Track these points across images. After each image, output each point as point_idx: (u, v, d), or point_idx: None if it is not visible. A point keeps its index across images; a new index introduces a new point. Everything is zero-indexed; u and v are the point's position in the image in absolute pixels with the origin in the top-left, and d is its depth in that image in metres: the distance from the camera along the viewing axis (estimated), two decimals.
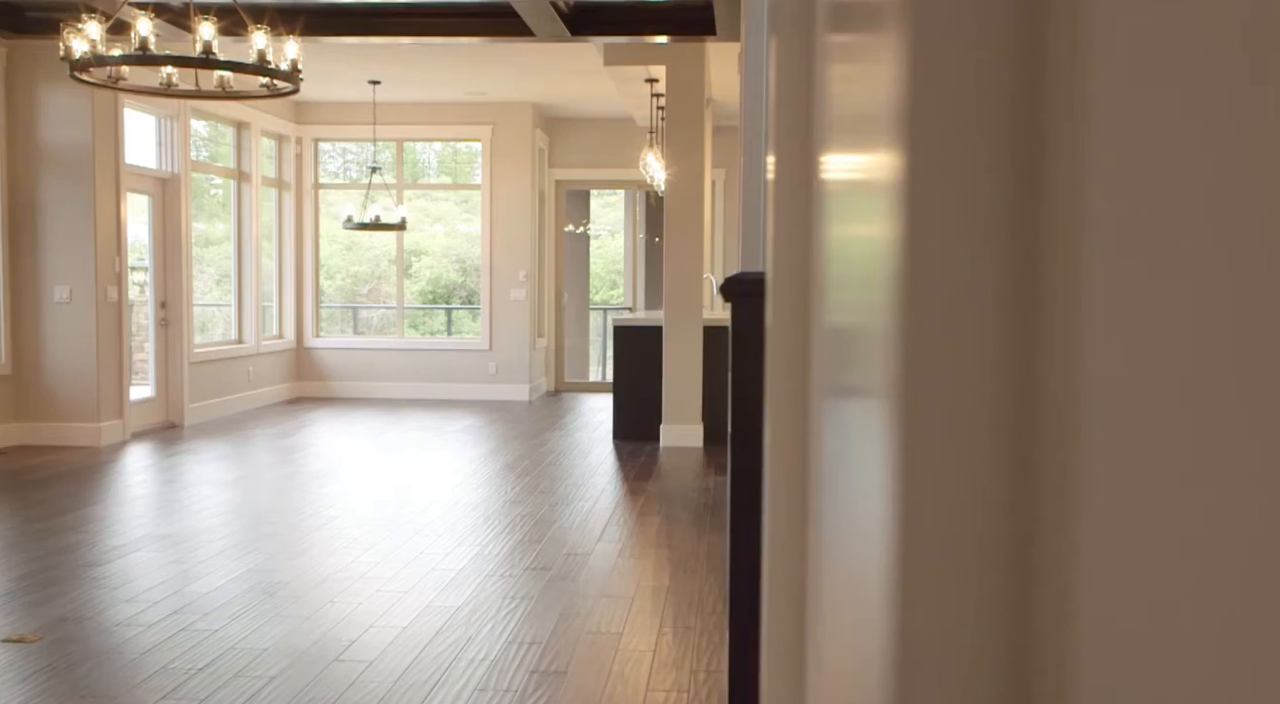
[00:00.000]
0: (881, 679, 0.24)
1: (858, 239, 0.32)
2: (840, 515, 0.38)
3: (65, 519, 5.94)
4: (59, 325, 8.35)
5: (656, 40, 7.73)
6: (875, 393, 0.25)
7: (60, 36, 5.07)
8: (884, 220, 0.24)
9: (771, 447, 0.66)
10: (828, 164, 0.44)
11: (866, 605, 0.27)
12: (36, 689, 3.48)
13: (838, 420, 0.40)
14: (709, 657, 3.82)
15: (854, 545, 0.32)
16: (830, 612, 0.41)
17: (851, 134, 0.34)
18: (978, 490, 0.23)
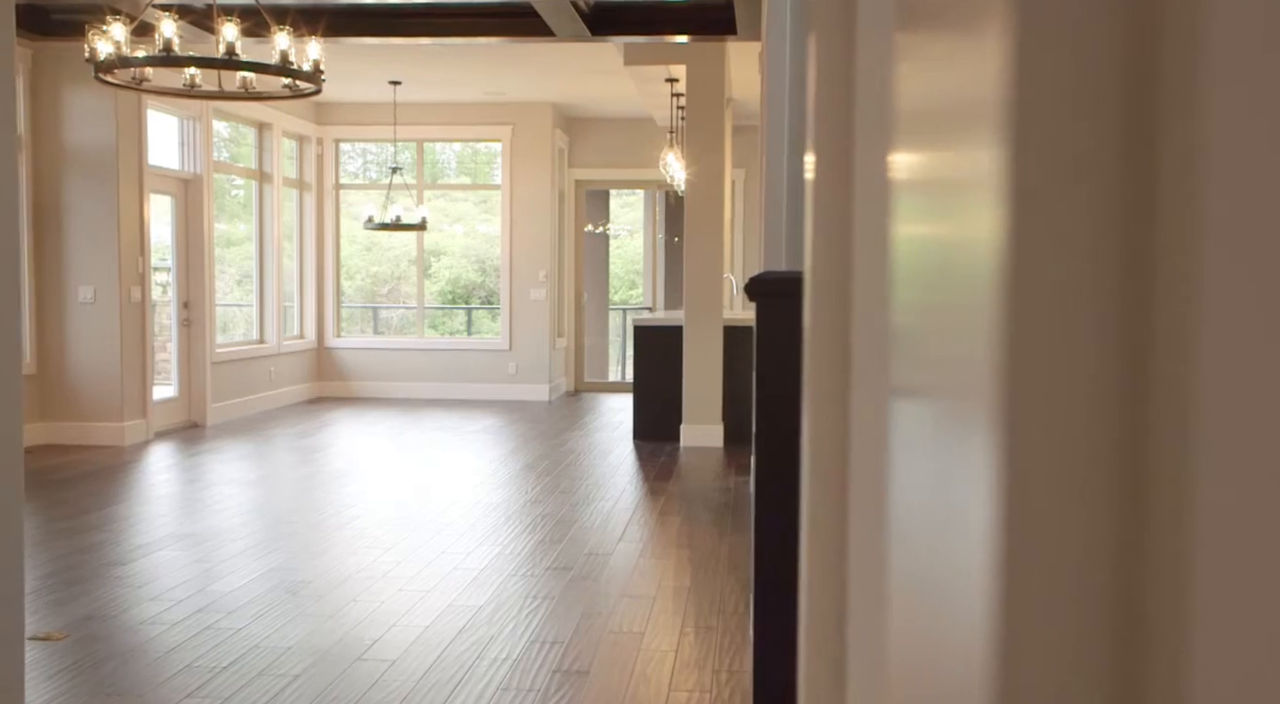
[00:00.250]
0: (982, 678, 0.24)
1: (941, 237, 0.32)
2: (916, 515, 0.38)
3: (89, 518, 5.98)
4: (83, 325, 8.41)
5: (677, 40, 7.73)
6: (971, 392, 0.25)
7: (85, 38, 5.11)
8: (982, 216, 0.24)
9: (811, 446, 0.66)
10: (898, 162, 0.44)
11: (959, 606, 0.27)
12: (62, 687, 3.51)
13: (911, 419, 0.40)
14: (731, 657, 3.82)
15: (938, 545, 0.32)
16: (903, 612, 0.41)
17: (932, 130, 0.34)
18: (1086, 490, 0.22)
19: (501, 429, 9.71)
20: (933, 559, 0.33)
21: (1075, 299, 0.22)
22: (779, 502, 2.26)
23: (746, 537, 5.59)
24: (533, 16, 7.09)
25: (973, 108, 0.26)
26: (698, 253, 8.54)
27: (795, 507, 2.21)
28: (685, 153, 8.77)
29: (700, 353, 8.45)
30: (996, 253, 0.23)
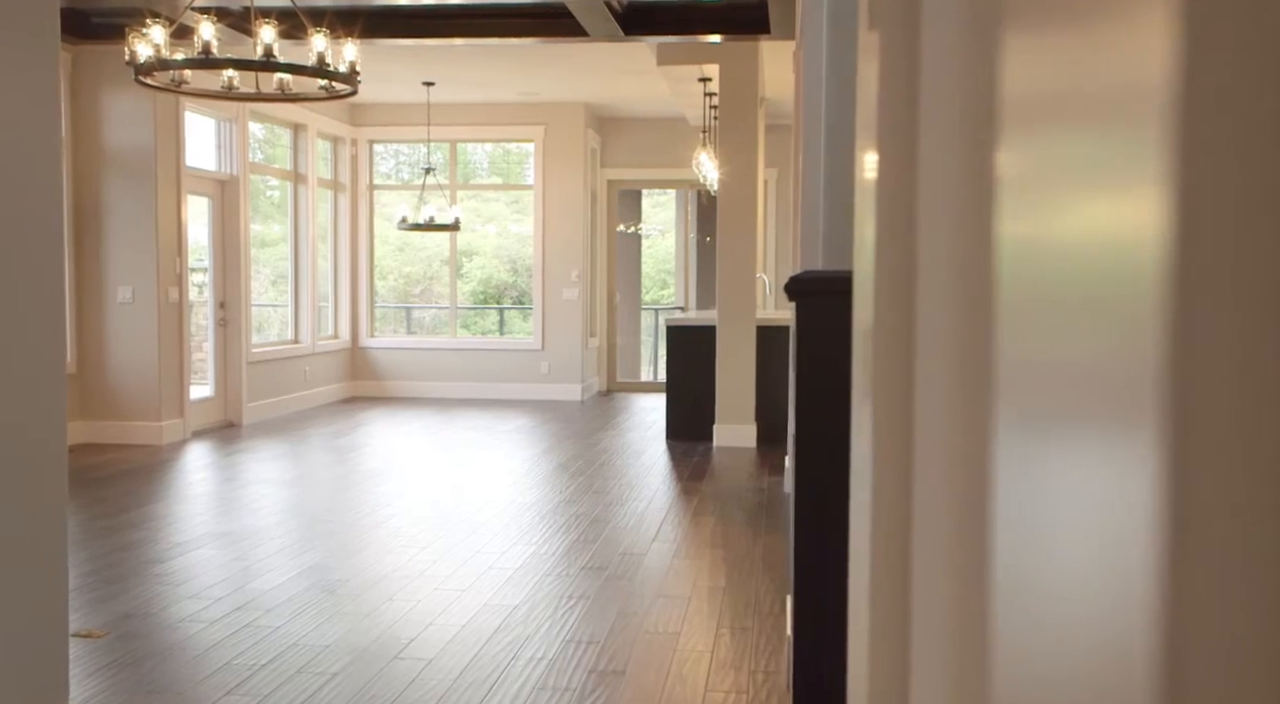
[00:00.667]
0: (1146, 685, 0.23)
1: (1079, 235, 0.31)
2: (1038, 520, 0.37)
3: (128, 516, 6.04)
4: (122, 325, 8.50)
5: (710, 39, 7.71)
6: (1131, 396, 0.24)
7: (125, 41, 5.16)
8: (1146, 212, 0.23)
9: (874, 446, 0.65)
10: (1007, 159, 0.43)
11: (1111, 614, 0.26)
12: (104, 684, 3.54)
13: (1032, 422, 0.39)
14: (767, 658, 3.80)
15: (1075, 552, 0.31)
16: (1019, 618, 0.40)
17: (1062, 125, 0.33)
18: (1258, 496, 0.21)
19: (534, 429, 9.73)
20: (1066, 567, 0.33)
21: (1248, 295, 0.21)
22: (818, 502, 2.25)
23: (781, 537, 5.58)
24: (566, 17, 7.10)
25: (1129, 98, 0.25)
26: (731, 252, 8.52)
27: (834, 507, 2.20)
28: (718, 152, 8.75)
29: (733, 353, 8.43)
30: (1163, 250, 0.22)
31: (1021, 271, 0.43)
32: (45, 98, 2.80)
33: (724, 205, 8.61)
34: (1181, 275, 0.21)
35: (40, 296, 2.80)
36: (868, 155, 0.69)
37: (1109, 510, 0.27)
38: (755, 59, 8.48)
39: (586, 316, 12.12)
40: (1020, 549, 0.50)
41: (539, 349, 12.00)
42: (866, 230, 0.68)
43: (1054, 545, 0.36)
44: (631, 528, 5.82)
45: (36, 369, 2.80)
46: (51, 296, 2.84)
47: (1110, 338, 0.26)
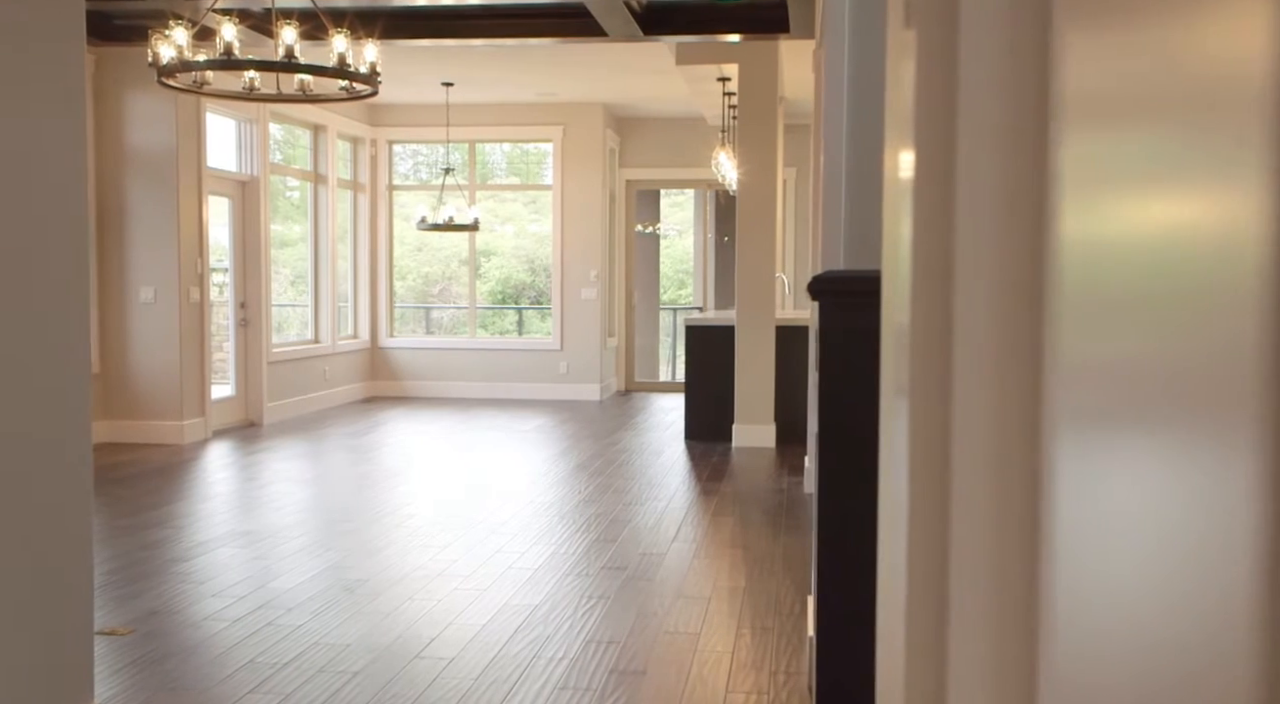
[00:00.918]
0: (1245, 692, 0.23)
1: (1157, 233, 0.31)
2: (1107, 524, 0.37)
3: (151, 515, 6.07)
4: (144, 325, 8.55)
5: (729, 39, 7.70)
6: (1223, 397, 0.24)
7: (148, 43, 5.19)
8: (1233, 212, 0.23)
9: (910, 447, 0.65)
10: (1072, 156, 0.43)
11: (1200, 621, 0.26)
12: (128, 681, 3.56)
13: (1098, 425, 0.39)
14: (788, 658, 3.80)
15: (1152, 556, 0.31)
16: (1084, 623, 0.40)
17: (1138, 121, 0.33)
18: None
19: (553, 429, 9.74)
20: (1141, 572, 0.32)
21: None
22: (841, 502, 2.24)
23: (801, 537, 5.57)
24: (585, 17, 7.10)
25: (1220, 91, 0.25)
26: (750, 252, 8.51)
27: (858, 507, 2.19)
28: (737, 152, 8.74)
29: (752, 353, 8.42)
30: (1265, 247, 0.22)
31: (1089, 270, 0.43)
32: (72, 100, 2.82)
33: (743, 205, 8.60)
34: None
35: (67, 297, 2.82)
36: (903, 154, 0.69)
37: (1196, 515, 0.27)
38: (774, 59, 8.47)
39: (605, 316, 12.13)
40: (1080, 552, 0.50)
41: (558, 349, 12.01)
42: (902, 229, 0.68)
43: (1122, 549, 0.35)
44: (651, 528, 5.82)
45: (63, 369, 2.82)
46: (77, 297, 2.86)
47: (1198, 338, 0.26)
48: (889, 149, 1.05)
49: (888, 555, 0.94)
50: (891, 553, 0.80)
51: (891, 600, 0.84)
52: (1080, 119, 0.54)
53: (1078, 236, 0.43)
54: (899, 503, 0.68)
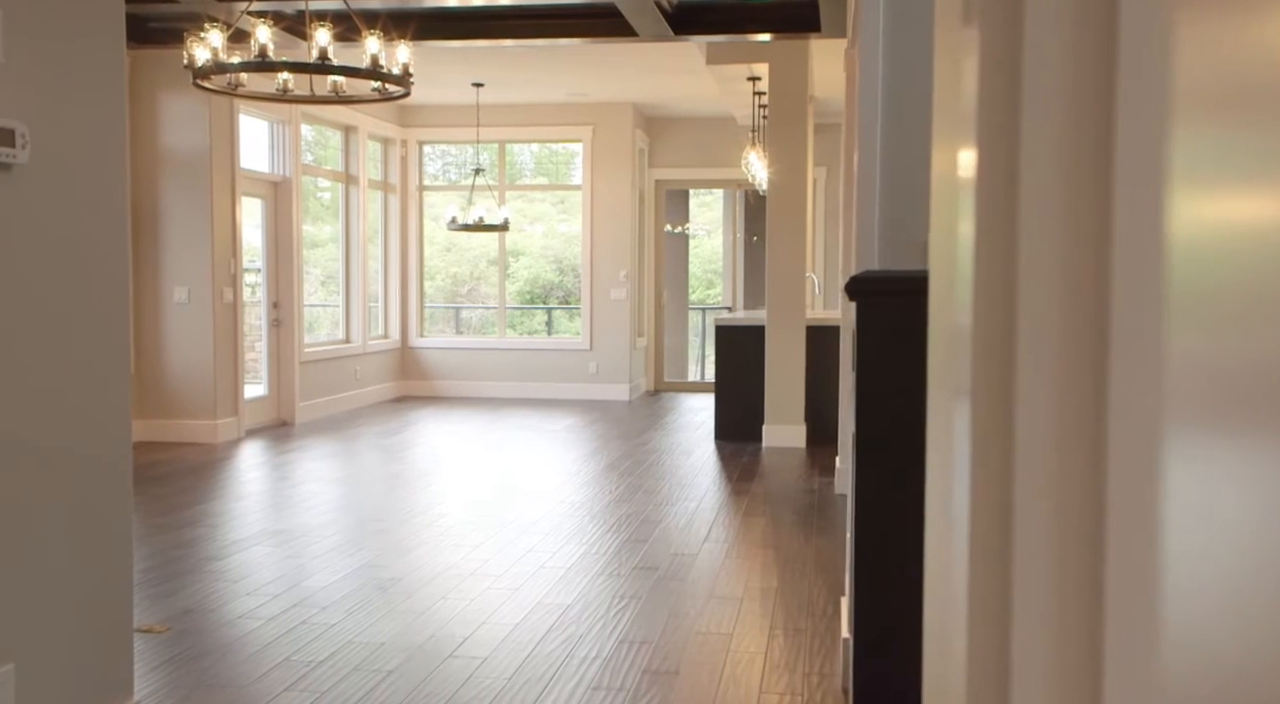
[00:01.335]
0: None
1: (1264, 235, 0.30)
2: (1206, 530, 0.36)
3: (186, 514, 6.12)
4: (178, 325, 8.62)
5: (759, 38, 7.69)
6: None
7: (184, 45, 5.23)
8: None
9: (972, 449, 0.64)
10: (1175, 153, 0.42)
11: None
12: (165, 679, 3.59)
13: (1201, 434, 0.39)
14: (822, 660, 3.78)
15: None
16: (1198, 628, 0.39)
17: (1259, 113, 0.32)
18: None
19: (583, 428, 9.75)
20: (1216, 580, 0.32)
21: None
22: (878, 502, 2.23)
23: (833, 539, 5.55)
24: (615, 17, 7.11)
25: None
26: (780, 252, 8.49)
27: (896, 509, 2.18)
28: (767, 152, 8.72)
29: (783, 353, 8.40)
30: None
31: (1194, 269, 0.42)
32: (113, 101, 2.84)
33: (773, 205, 8.58)
34: None
35: (108, 299, 2.85)
36: (961, 153, 0.68)
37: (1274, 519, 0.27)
38: (805, 58, 8.44)
39: (634, 316, 12.14)
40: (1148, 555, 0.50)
41: (587, 349, 12.02)
42: (962, 229, 0.68)
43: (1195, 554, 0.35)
44: (682, 528, 5.82)
45: (104, 370, 2.84)
46: (118, 299, 2.89)
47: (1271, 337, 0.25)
48: (939, 148, 1.04)
49: (939, 557, 0.93)
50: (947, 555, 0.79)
51: (945, 603, 0.83)
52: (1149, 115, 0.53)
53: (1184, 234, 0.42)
54: (959, 504, 0.67)
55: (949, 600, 0.76)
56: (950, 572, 0.73)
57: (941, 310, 0.93)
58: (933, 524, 1.01)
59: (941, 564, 0.88)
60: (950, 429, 0.81)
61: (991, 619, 0.63)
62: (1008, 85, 0.62)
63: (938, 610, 0.95)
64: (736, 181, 12.45)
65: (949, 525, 0.76)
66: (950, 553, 0.75)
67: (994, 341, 0.63)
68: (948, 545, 0.78)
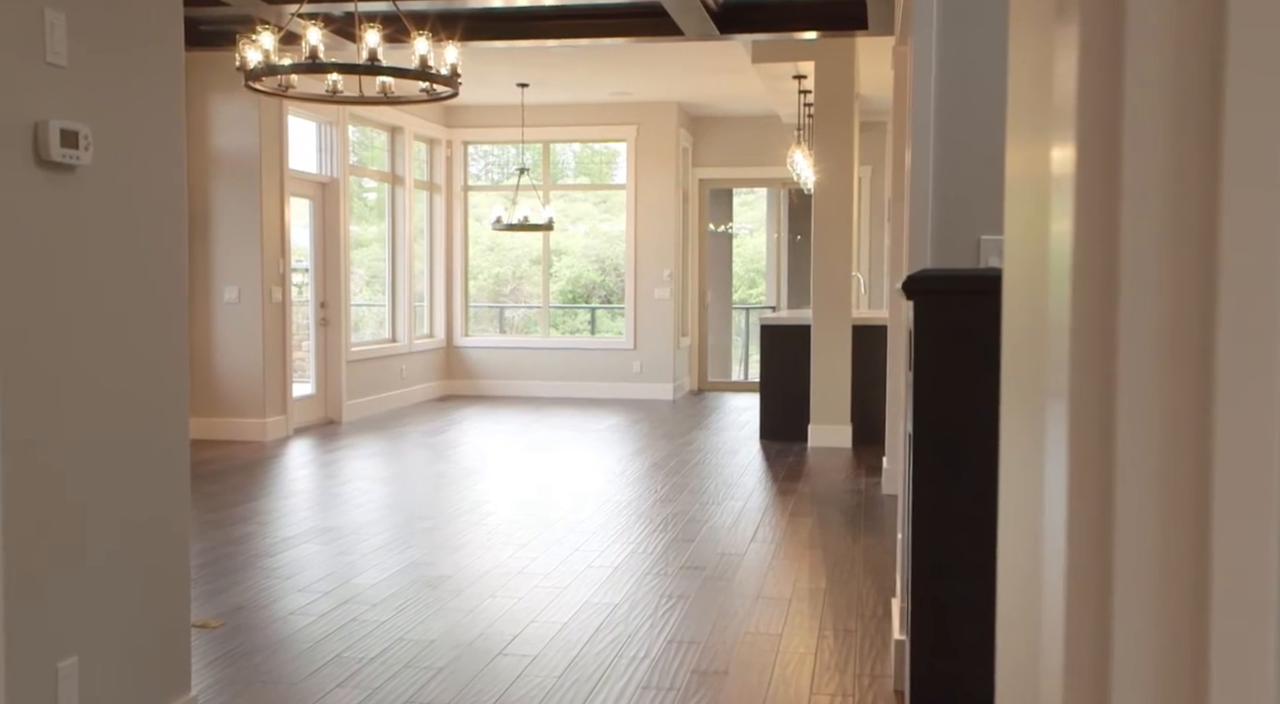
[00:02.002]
0: None
1: None
2: None
3: (237, 511, 6.19)
4: (228, 325, 8.72)
5: (805, 36, 7.65)
6: None
7: (235, 48, 5.29)
8: None
9: (1070, 451, 0.63)
10: (1245, 147, 0.41)
11: None
12: (220, 674, 3.64)
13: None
14: (873, 661, 3.76)
15: None
16: None
17: None
18: None
19: (627, 428, 9.76)
20: None
21: None
22: (936, 501, 2.21)
23: (881, 539, 5.51)
24: (661, 16, 7.10)
25: None
26: (826, 251, 8.45)
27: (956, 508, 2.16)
28: (813, 150, 8.69)
29: (828, 352, 8.36)
30: None
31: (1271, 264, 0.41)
32: (172, 102, 2.88)
33: (819, 204, 8.54)
34: None
35: (166, 296, 2.88)
36: (1056, 150, 0.67)
37: None
38: (851, 56, 8.40)
39: (678, 316, 12.13)
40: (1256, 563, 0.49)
41: (631, 348, 12.03)
42: (1057, 227, 0.67)
43: None
44: (729, 528, 5.80)
45: (162, 366, 2.88)
46: (175, 296, 2.92)
47: None
48: (1016, 146, 1.03)
49: (1019, 557, 0.92)
50: (1035, 557, 0.78)
51: (1029, 606, 0.82)
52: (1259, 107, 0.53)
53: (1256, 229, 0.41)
54: (1054, 505, 0.66)
55: (1036, 603, 0.75)
56: (1042, 574, 0.72)
57: (1023, 309, 0.92)
58: (1011, 523, 1.00)
59: (1025, 565, 0.87)
60: (1035, 429, 0.80)
61: (1091, 622, 0.62)
62: (1109, 79, 0.61)
63: (1016, 612, 0.94)
64: (780, 180, 12.41)
65: (1037, 527, 0.75)
66: (1040, 555, 0.74)
67: (1094, 340, 0.62)
68: (1035, 547, 0.77)
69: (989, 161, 3.43)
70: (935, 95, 3.46)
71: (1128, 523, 0.60)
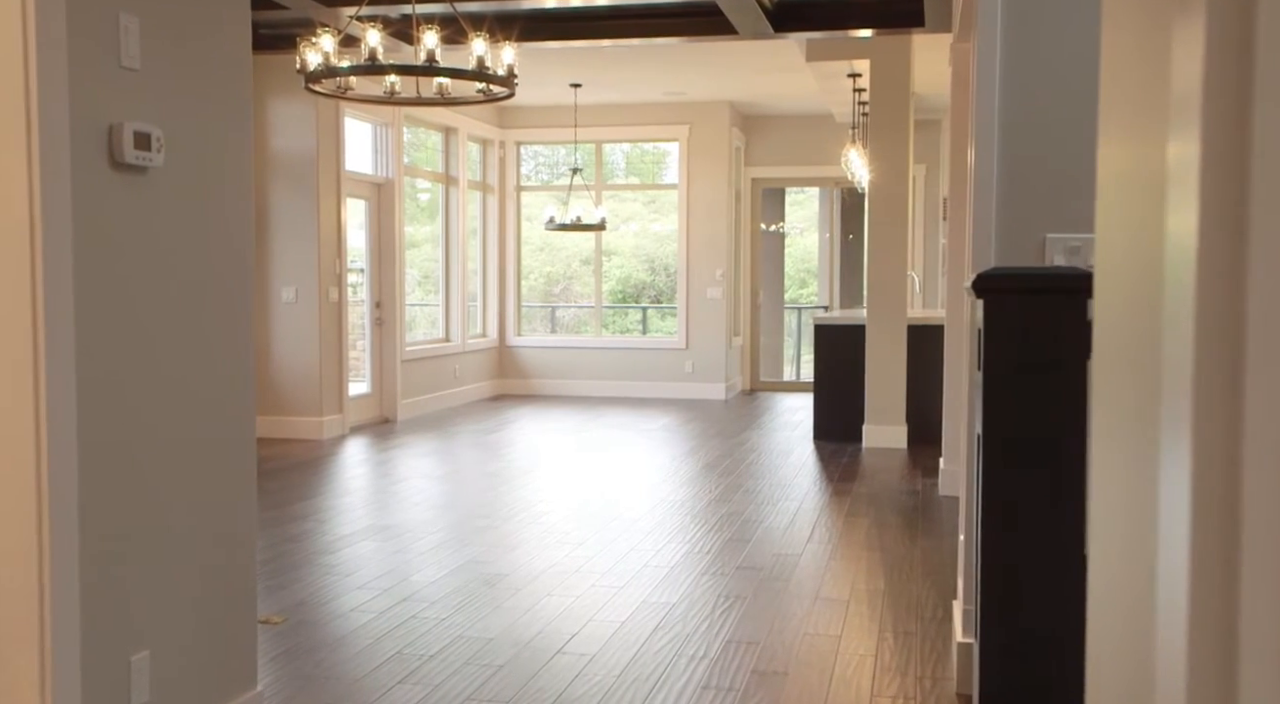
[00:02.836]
0: None
1: None
2: None
3: (295, 508, 6.26)
4: (285, 325, 8.83)
5: (860, 34, 7.60)
6: None
7: (295, 50, 5.35)
8: None
9: (1194, 453, 0.62)
10: None
11: None
12: (284, 670, 3.68)
13: None
14: (934, 664, 3.73)
15: None
16: None
17: None
18: None
19: (680, 427, 9.75)
20: None
21: None
22: (1007, 503, 2.19)
23: (939, 541, 5.46)
24: (715, 15, 7.08)
25: None
26: (881, 250, 8.39)
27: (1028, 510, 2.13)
28: (868, 149, 8.63)
29: (883, 352, 8.30)
30: None
31: None
32: (239, 106, 2.91)
33: (873, 202, 8.48)
34: None
35: (234, 295, 2.92)
36: (1177, 145, 0.66)
37: None
38: (907, 54, 8.33)
39: (730, 315, 12.11)
40: None
41: (683, 348, 12.03)
42: (1178, 223, 0.65)
43: None
44: (784, 528, 5.78)
45: (230, 364, 2.92)
46: (242, 295, 2.96)
47: None
48: (1115, 142, 1.01)
49: (1120, 560, 0.91)
50: (1141, 561, 0.76)
51: (1137, 610, 0.81)
52: None
53: None
54: (1176, 510, 0.65)
55: (1142, 614, 0.73)
56: (1156, 578, 0.71)
57: (1124, 308, 0.90)
58: (1108, 526, 0.98)
59: (1125, 569, 0.85)
60: (1142, 429, 0.78)
61: (1215, 633, 0.61)
62: (1237, 70, 0.59)
63: (1117, 616, 0.92)
64: (834, 179, 12.34)
65: (1142, 529, 0.74)
66: (1151, 559, 0.72)
67: (1220, 339, 0.61)
68: (1141, 552, 0.76)
69: (1055, 159, 3.39)
70: (999, 93, 3.42)
71: (1257, 524, 0.59)
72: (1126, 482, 0.88)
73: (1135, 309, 0.84)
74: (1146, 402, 0.77)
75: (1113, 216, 1.00)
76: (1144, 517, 0.77)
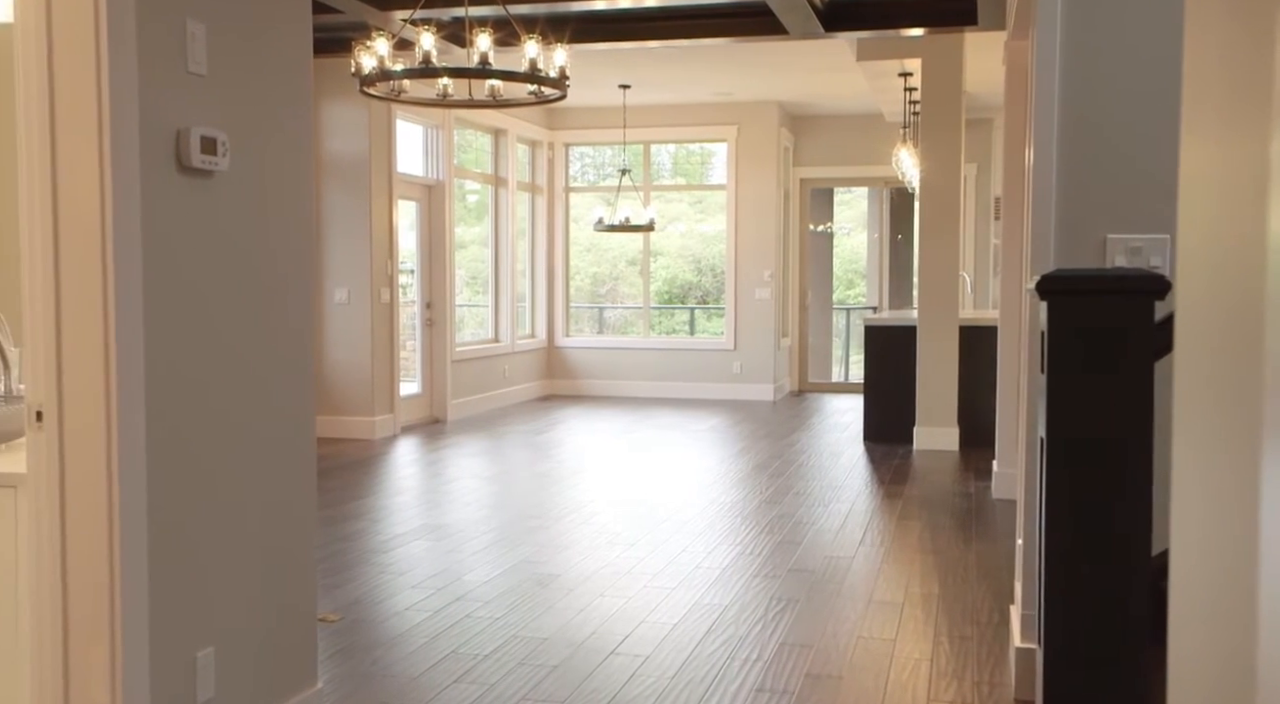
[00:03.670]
0: None
1: None
2: None
3: (348, 508, 6.32)
4: (338, 325, 8.92)
5: (912, 33, 7.54)
6: None
7: (350, 54, 5.40)
8: None
9: None
10: None
11: None
12: (341, 668, 3.71)
13: None
14: (991, 669, 3.69)
15: None
16: None
17: None
18: None
19: (728, 428, 9.73)
20: None
21: None
22: (1073, 508, 2.16)
23: (994, 544, 5.41)
24: (764, 15, 7.06)
25: None
26: (932, 251, 8.32)
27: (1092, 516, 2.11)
28: (919, 149, 8.56)
29: (935, 353, 8.23)
30: None
31: None
32: (301, 110, 2.95)
33: (925, 202, 8.42)
34: None
35: (296, 295, 2.96)
36: (1274, 146, 0.65)
37: None
38: (959, 52, 8.26)
39: (779, 316, 12.06)
40: None
41: (731, 349, 12.00)
42: (1276, 229, 0.64)
43: None
44: (836, 530, 5.75)
45: (292, 363, 2.96)
46: (303, 295, 3.00)
47: None
48: (1203, 142, 1.00)
49: (1204, 567, 0.89)
50: (1242, 568, 0.75)
51: (1226, 627, 0.79)
52: None
53: None
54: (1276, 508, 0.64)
55: (1247, 610, 0.72)
56: (1257, 581, 0.70)
57: (1212, 308, 0.89)
58: (1193, 526, 0.97)
59: (1221, 570, 0.84)
60: (1236, 429, 0.77)
61: None
62: None
63: (1205, 618, 0.91)
64: (883, 179, 12.27)
65: (1237, 532, 0.73)
66: (1249, 561, 0.71)
67: None
68: (1235, 552, 0.75)
69: (1116, 158, 3.34)
70: (1058, 91, 3.38)
71: None
72: (1216, 482, 0.87)
73: (1224, 308, 0.83)
74: (1240, 402, 0.76)
75: (1196, 215, 0.99)
76: (1237, 517, 0.76)
